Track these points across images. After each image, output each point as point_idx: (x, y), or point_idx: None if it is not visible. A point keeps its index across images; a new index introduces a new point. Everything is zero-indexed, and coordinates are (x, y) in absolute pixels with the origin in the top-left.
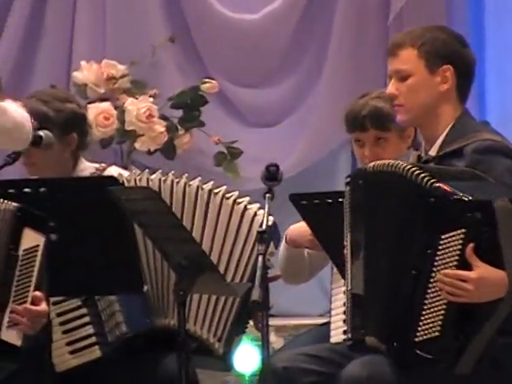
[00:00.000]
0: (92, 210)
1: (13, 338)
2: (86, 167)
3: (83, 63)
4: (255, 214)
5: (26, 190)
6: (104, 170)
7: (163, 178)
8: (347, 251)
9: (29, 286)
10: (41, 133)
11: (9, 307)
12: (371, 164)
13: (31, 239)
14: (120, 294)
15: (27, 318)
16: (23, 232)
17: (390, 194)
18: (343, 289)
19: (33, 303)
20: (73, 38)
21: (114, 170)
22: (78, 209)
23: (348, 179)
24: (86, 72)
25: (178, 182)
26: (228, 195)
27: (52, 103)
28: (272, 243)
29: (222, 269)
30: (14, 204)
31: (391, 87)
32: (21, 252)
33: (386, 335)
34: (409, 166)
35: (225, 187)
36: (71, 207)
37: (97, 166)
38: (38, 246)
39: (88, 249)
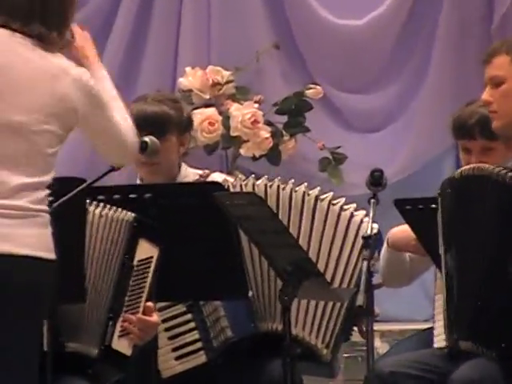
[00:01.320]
0: (197, 215)
1: (124, 347)
2: (189, 173)
3: (188, 69)
4: (361, 221)
5: (132, 195)
6: (208, 176)
7: (269, 184)
8: (442, 261)
9: (141, 297)
10: (146, 139)
11: (121, 316)
12: (458, 171)
13: (146, 250)
14: (225, 300)
15: (139, 327)
16: (139, 243)
17: (481, 201)
18: None
19: (144, 314)
20: (178, 45)
21: (218, 176)
22: (184, 214)
23: (439, 190)
24: (191, 78)
25: (283, 188)
26: (334, 201)
27: (168, 103)
28: (376, 251)
29: (329, 274)
30: (131, 214)
31: (485, 94)
32: (135, 262)
33: (487, 340)
34: (504, 171)
35: (331, 193)
36: (176, 213)
37: (200, 172)
38: (151, 257)
39: (193, 254)
